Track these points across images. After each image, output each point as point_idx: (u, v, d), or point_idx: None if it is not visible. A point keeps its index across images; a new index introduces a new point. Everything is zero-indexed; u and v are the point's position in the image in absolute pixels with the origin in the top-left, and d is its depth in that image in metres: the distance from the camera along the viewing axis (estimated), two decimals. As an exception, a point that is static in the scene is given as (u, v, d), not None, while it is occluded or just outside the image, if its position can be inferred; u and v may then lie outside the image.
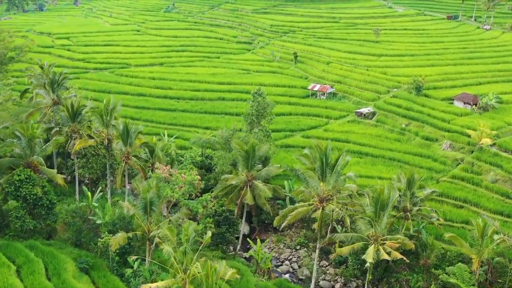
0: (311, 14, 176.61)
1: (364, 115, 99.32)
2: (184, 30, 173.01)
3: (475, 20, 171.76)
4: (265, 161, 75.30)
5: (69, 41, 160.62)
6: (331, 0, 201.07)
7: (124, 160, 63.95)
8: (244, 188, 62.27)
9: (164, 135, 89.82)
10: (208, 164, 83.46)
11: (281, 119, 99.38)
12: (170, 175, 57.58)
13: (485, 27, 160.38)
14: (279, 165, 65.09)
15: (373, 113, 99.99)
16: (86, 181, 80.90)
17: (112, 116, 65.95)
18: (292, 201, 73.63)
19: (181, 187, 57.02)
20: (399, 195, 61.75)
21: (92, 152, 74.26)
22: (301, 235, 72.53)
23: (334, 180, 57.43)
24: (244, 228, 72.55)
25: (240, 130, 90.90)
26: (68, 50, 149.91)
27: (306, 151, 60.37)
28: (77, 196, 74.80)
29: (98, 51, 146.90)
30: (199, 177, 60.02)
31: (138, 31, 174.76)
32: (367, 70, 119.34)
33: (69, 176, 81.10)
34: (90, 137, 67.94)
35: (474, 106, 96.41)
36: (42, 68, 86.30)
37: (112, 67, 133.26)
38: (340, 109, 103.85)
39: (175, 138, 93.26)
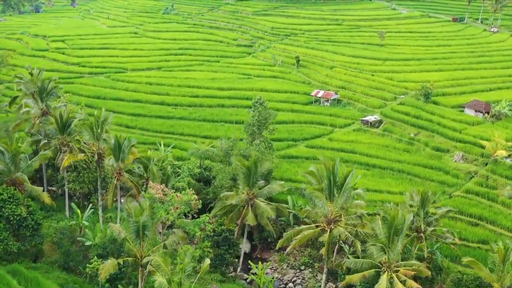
0: (313, 16, 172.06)
1: (371, 123, 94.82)
2: (183, 33, 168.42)
3: (482, 22, 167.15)
4: (267, 175, 70.94)
5: (65, 44, 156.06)
6: (334, 1, 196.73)
7: (115, 177, 59.41)
8: (245, 207, 57.75)
9: (160, 145, 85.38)
10: (207, 176, 79.02)
11: (284, 128, 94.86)
12: (165, 194, 53.03)
13: (492, 30, 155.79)
14: (282, 181, 60.71)
15: (380, 121, 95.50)
16: (78, 195, 76.47)
17: (103, 129, 61.40)
18: (296, 218, 69.24)
19: (177, 208, 52.48)
20: (413, 215, 57.31)
21: (83, 165, 69.72)
22: (306, 254, 67.96)
23: (343, 200, 52.92)
24: (245, 246, 68.07)
25: (241, 140, 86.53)
26: (63, 53, 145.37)
27: (312, 168, 55.90)
28: (67, 212, 70.27)
29: (94, 55, 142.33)
30: (196, 196, 55.50)
31: (135, 33, 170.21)
32: (373, 75, 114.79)
33: (60, 189, 76.68)
34: (81, 151, 63.42)
35: (486, 114, 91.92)
36: (31, 74, 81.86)
37: (108, 71, 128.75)
38: (345, 117, 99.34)
39: (172, 148, 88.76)
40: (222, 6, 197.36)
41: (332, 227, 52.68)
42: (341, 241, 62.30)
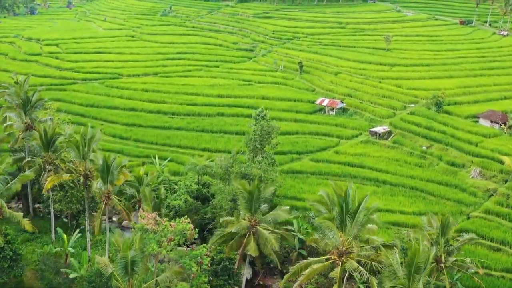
0: (316, 19, 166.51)
1: (379, 134, 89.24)
2: (181, 36, 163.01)
3: (490, 25, 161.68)
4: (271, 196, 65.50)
5: (58, 48, 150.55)
6: (337, 4, 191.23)
7: (104, 201, 53.78)
8: (247, 236, 52.18)
9: (155, 159, 79.80)
10: (206, 193, 73.50)
11: (287, 139, 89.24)
12: (157, 224, 47.44)
13: (502, 33, 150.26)
14: (287, 207, 55.13)
15: (389, 133, 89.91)
16: (66, 214, 70.88)
17: (90, 147, 55.75)
18: (302, 241, 63.69)
19: (171, 239, 46.89)
20: (431, 243, 51.82)
21: (71, 184, 64.12)
22: (313, 281, 62.26)
23: (356, 230, 47.33)
24: (246, 272, 62.41)
25: (242, 152, 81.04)
26: (56, 58, 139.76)
27: (321, 192, 50.21)
28: (52, 236, 64.63)
29: (88, 59, 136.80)
30: (191, 226, 49.85)
31: (132, 36, 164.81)
32: (380, 82, 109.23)
33: (46, 209, 71.12)
34: (68, 171, 57.82)
35: (503, 126, 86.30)
36: (17, 83, 76.34)
37: (102, 77, 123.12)
38: (351, 127, 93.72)
39: (168, 161, 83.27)
40: (222, 8, 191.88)
41: (344, 260, 47.08)
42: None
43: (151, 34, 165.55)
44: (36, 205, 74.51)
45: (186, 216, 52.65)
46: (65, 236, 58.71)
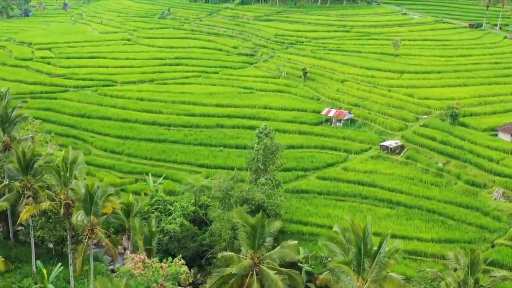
0: (319, 22, 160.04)
1: (391, 149, 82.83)
2: (180, 40, 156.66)
3: (501, 28, 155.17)
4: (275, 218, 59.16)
5: (51, 52, 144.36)
6: (340, 6, 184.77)
7: (87, 234, 47.35)
8: (249, 276, 45.75)
9: (149, 177, 73.45)
10: (203, 215, 67.19)
11: (291, 154, 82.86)
12: (146, 266, 41.03)
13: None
14: (295, 242, 48.68)
15: (401, 147, 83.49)
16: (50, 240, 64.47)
17: (72, 173, 49.33)
18: (309, 274, 57.48)
19: (162, 284, 40.49)
20: (458, 282, 45.49)
21: (53, 209, 57.63)
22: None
23: (375, 273, 40.91)
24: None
25: (244, 169, 74.85)
26: (48, 63, 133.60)
27: (336, 228, 43.70)
28: (33, 267, 58.16)
29: (82, 65, 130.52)
30: (185, 268, 43.46)
31: (128, 40, 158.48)
32: (389, 90, 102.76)
33: (29, 233, 64.67)
34: (49, 198, 51.42)
35: (525, 141, 79.96)
36: (-1, 96, 69.88)
37: (95, 84, 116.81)
38: (360, 141, 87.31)
39: (163, 179, 77.07)
40: (221, 10, 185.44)
41: (362, 308, 40.70)
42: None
43: (148, 38, 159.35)
44: (19, 228, 68.16)
45: (180, 256, 46.22)
46: (45, 271, 52.40)
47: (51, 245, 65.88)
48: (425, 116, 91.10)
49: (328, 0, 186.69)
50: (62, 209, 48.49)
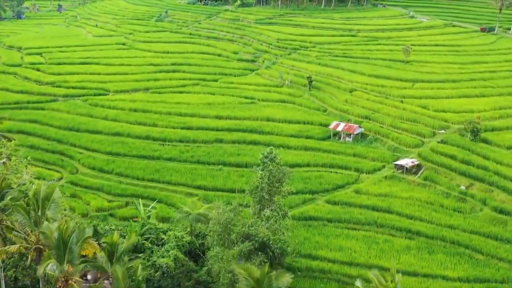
0: (323, 26, 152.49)
1: (407, 168, 75.34)
2: (177, 44, 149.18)
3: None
4: (280, 257, 52.02)
5: (41, 57, 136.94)
6: (345, 8, 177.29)
7: (60, 287, 39.87)
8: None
9: (139, 203, 66.00)
10: (200, 247, 59.86)
11: (297, 174, 75.22)
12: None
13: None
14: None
15: (418, 166, 76.02)
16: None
17: (45, 212, 41.87)
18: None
19: None
20: None
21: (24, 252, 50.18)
22: None
23: None
24: None
25: (245, 192, 67.49)
26: (38, 70, 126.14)
27: (358, 283, 36.33)
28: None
29: (73, 72, 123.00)
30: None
31: (123, 44, 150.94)
32: (402, 102, 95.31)
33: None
34: (20, 239, 44.01)
35: (555, 161, 72.50)
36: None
37: (86, 93, 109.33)
38: (372, 158, 79.86)
39: (156, 202, 69.82)
40: (221, 13, 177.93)
41: None
42: None
43: (144, 42, 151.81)
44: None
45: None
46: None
47: (28, 282, 58.58)
48: (442, 131, 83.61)
49: (333, 2, 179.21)
50: (30, 254, 40.94)
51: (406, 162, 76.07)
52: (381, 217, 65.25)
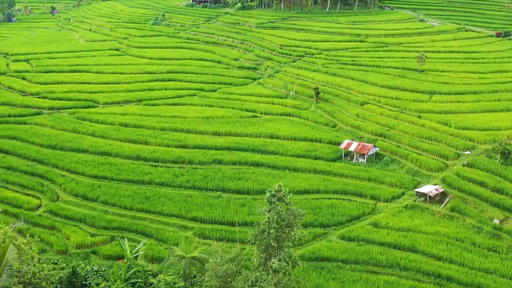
0: (329, 30, 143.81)
1: (430, 197, 66.44)
2: (174, 50, 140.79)
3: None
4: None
5: (29, 64, 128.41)
6: (351, 11, 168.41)
7: None
8: None
9: (125, 241, 57.11)
10: (195, 293, 51.28)
11: (306, 202, 66.72)
12: None
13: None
14: None
15: (443, 194, 67.11)
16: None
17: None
18: None
19: None
20: None
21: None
22: None
23: None
24: None
25: (248, 225, 59.07)
26: (23, 78, 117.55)
27: None
28: None
29: (60, 81, 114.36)
30: None
31: (117, 50, 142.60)
32: (419, 117, 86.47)
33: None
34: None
35: None
36: None
37: (74, 105, 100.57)
38: (390, 183, 70.97)
39: (146, 238, 61.20)
40: (221, 16, 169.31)
41: None
42: None
43: (138, 47, 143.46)
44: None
45: None
46: None
47: None
48: (467, 152, 74.66)
49: (338, 5, 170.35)
50: None
51: (429, 189, 67.11)
52: (404, 257, 56.36)
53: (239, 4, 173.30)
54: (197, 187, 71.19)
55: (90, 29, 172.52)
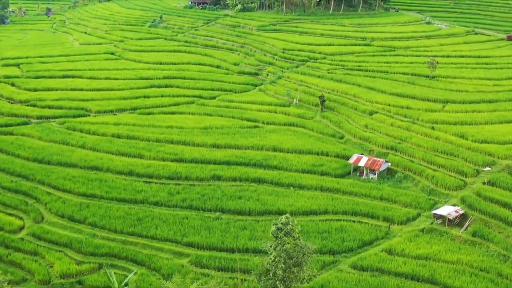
0: (333, 33, 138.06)
1: (449, 219, 60.65)
2: (171, 53, 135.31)
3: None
4: None
5: (19, 69, 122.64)
6: (355, 13, 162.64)
7: None
8: None
9: (112, 274, 51.36)
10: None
11: (313, 225, 61.01)
12: None
13: None
14: None
15: (463, 216, 61.32)
16: None
17: None
18: None
19: None
20: None
21: None
22: None
23: None
24: None
25: (248, 252, 53.50)
26: (13, 84, 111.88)
27: None
28: None
29: (51, 87, 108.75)
30: None
31: (112, 53, 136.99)
32: (433, 128, 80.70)
33: None
34: None
35: None
36: None
37: (64, 114, 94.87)
38: (404, 203, 65.17)
39: (138, 266, 55.42)
40: (220, 18, 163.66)
41: None
42: None
43: (135, 51, 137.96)
44: None
45: None
46: None
47: None
48: (488, 169, 68.80)
49: (342, 6, 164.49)
50: None
51: (448, 211, 61.27)
52: (424, 289, 50.67)
53: (239, 6, 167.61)
54: (194, 207, 65.35)
55: (85, 32, 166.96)
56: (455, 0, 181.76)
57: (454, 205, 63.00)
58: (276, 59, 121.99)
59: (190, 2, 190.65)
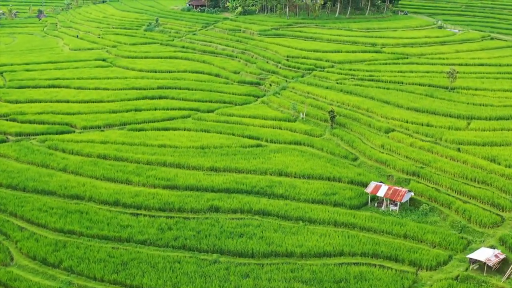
0: (341, 39, 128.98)
1: (488, 266, 51.46)
2: (167, 60, 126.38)
3: None
4: None
5: (2, 78, 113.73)
6: (363, 17, 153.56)
7: None
8: None
9: None
10: None
11: (327, 271, 51.88)
12: None
13: None
14: None
15: (504, 261, 52.12)
16: None
17: None
18: None
19: None
20: None
21: None
22: None
23: None
24: None
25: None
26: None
27: None
28: None
29: (35, 99, 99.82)
30: None
31: (104, 60, 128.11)
32: (459, 150, 71.55)
33: None
34: None
35: None
36: None
37: (46, 130, 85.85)
38: (432, 243, 56.02)
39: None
40: (219, 22, 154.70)
41: None
42: None
43: (128, 57, 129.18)
44: None
45: None
46: None
47: None
48: (527, 201, 59.71)
49: (348, 10, 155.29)
50: None
51: (486, 255, 52.09)
52: None
53: (239, 9, 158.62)
54: (188, 247, 56.17)
55: (77, 36, 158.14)
56: (466, 3, 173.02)
57: (492, 246, 53.87)
58: (280, 67, 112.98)
59: (188, 5, 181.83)
